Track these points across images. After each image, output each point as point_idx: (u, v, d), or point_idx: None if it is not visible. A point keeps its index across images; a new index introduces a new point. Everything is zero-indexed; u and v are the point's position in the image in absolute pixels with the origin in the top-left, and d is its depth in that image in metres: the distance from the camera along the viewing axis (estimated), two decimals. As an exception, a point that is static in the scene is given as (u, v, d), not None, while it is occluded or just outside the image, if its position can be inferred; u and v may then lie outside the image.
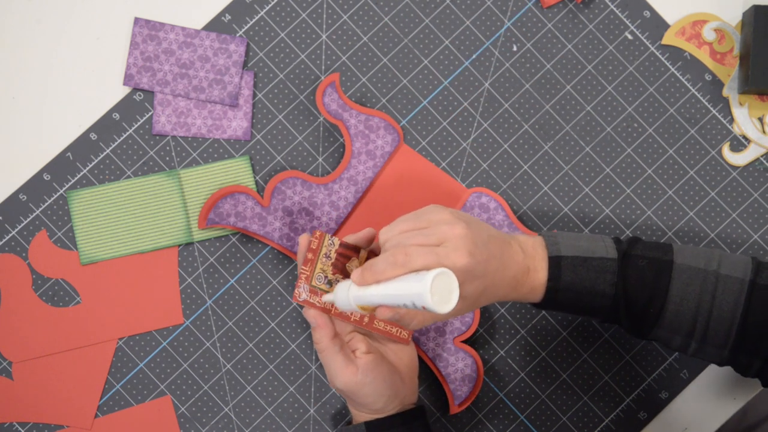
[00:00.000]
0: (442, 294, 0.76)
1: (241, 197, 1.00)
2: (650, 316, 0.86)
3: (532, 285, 0.86)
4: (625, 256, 0.87)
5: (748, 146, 1.04)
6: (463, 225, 0.80)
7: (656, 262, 0.86)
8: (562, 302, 0.87)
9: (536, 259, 0.86)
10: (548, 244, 0.87)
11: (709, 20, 1.04)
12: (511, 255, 0.84)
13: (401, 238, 0.80)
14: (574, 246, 0.86)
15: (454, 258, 0.78)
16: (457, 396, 1.00)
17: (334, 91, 1.01)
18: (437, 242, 0.79)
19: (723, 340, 0.86)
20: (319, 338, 0.87)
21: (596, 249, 0.87)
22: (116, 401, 1.01)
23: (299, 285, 0.87)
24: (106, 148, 1.02)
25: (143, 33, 1.02)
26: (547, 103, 1.04)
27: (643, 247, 0.88)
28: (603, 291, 0.86)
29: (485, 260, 0.81)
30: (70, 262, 1.01)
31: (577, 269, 0.85)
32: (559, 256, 0.86)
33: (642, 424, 1.02)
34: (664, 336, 0.88)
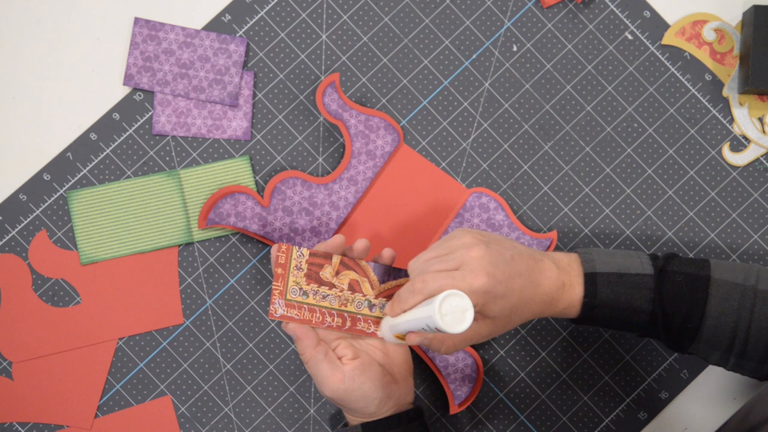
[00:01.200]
0: (454, 315, 0.77)
1: (241, 197, 1.00)
2: (688, 331, 0.87)
3: (569, 301, 0.87)
4: (662, 272, 0.87)
5: (748, 146, 1.04)
6: (481, 247, 0.82)
7: (693, 277, 0.87)
8: (599, 318, 0.87)
9: (572, 275, 0.87)
10: (583, 260, 0.87)
11: (709, 20, 1.04)
12: (542, 271, 0.85)
13: (423, 266, 0.83)
14: (609, 262, 0.87)
15: (470, 280, 0.80)
16: (457, 396, 1.00)
17: (334, 91, 1.01)
18: (455, 266, 0.82)
19: (762, 355, 0.86)
20: (302, 349, 0.88)
21: (632, 265, 0.87)
22: (116, 401, 1.01)
23: (274, 301, 0.87)
24: (106, 148, 1.02)
25: (143, 33, 1.02)
26: (547, 103, 1.04)
27: (680, 262, 0.88)
28: (640, 307, 0.86)
29: (507, 279, 0.82)
30: (70, 262, 1.01)
31: (613, 285, 0.86)
32: (595, 273, 0.86)
33: (642, 424, 1.02)
34: (702, 351, 0.88)
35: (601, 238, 1.03)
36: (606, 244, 1.03)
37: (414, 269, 0.85)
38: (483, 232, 0.85)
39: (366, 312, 0.90)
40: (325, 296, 0.89)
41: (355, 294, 0.89)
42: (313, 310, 0.88)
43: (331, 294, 0.89)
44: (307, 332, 0.87)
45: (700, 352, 0.89)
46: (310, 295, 0.88)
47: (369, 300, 0.90)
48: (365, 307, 0.90)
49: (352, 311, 0.89)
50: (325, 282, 0.89)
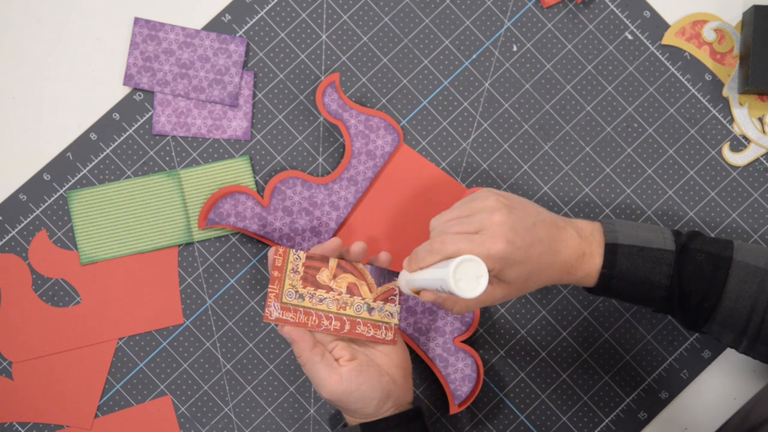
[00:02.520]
0: (468, 280, 0.77)
1: (241, 197, 1.00)
2: (704, 310, 0.86)
3: (587, 270, 0.86)
4: (684, 249, 0.87)
5: (748, 146, 1.04)
6: (504, 211, 0.81)
7: (715, 257, 0.86)
8: (616, 290, 0.87)
9: (593, 244, 0.86)
10: (606, 231, 0.87)
11: (709, 20, 1.04)
12: (563, 239, 0.85)
13: (444, 227, 0.83)
14: (632, 235, 0.87)
15: (489, 245, 0.80)
16: (457, 396, 1.00)
17: (334, 91, 1.01)
18: (476, 229, 0.81)
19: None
20: (299, 352, 0.87)
21: (654, 239, 0.87)
22: (116, 401, 1.01)
23: (269, 304, 0.87)
24: (106, 148, 1.02)
25: (143, 33, 1.02)
26: (547, 103, 1.04)
27: (703, 241, 0.88)
28: (658, 282, 0.86)
29: (526, 246, 0.81)
30: (70, 262, 1.01)
31: (633, 258, 0.86)
32: (616, 244, 0.86)
33: (642, 424, 1.02)
34: (716, 331, 0.88)
35: (601, 238, 1.03)
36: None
37: (434, 228, 0.84)
38: (508, 194, 0.84)
39: (365, 315, 0.90)
40: (323, 299, 0.89)
41: (354, 297, 0.89)
42: (309, 313, 0.88)
43: (328, 297, 0.89)
44: (302, 335, 0.87)
45: (713, 332, 0.88)
46: (307, 298, 0.88)
47: (368, 303, 0.90)
48: (365, 311, 0.90)
49: (352, 314, 0.89)
50: (322, 285, 0.89)
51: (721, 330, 0.87)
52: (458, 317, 1.00)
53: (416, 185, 1.02)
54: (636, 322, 1.02)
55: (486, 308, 1.02)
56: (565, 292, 1.03)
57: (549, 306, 1.03)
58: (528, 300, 1.02)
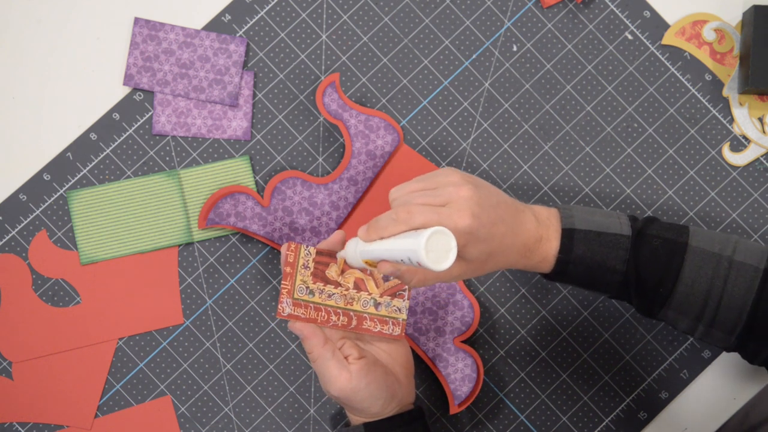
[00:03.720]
0: (438, 252, 0.75)
1: (241, 197, 1.00)
2: (660, 296, 0.86)
3: (544, 255, 0.86)
4: (640, 234, 0.87)
5: (748, 146, 1.04)
6: (470, 187, 0.80)
7: (671, 242, 0.86)
8: (572, 275, 0.87)
9: (550, 229, 0.86)
10: (563, 216, 0.87)
11: (709, 20, 1.04)
12: (523, 222, 0.84)
13: (408, 197, 0.81)
14: (588, 220, 0.86)
15: (456, 218, 0.79)
16: (457, 396, 1.00)
17: (334, 91, 1.01)
18: (442, 202, 0.80)
19: (732, 326, 0.86)
20: (310, 347, 0.87)
21: (611, 225, 0.87)
22: (116, 401, 1.01)
23: (282, 300, 0.87)
24: (106, 148, 1.02)
25: (143, 33, 1.02)
26: (547, 103, 1.04)
27: (659, 227, 0.88)
28: (614, 267, 0.86)
29: (491, 223, 0.81)
30: (70, 262, 1.01)
31: (589, 243, 0.85)
32: (573, 229, 0.86)
33: (642, 424, 1.02)
34: (672, 317, 0.88)
35: (601, 238, 1.03)
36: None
37: (397, 198, 0.82)
38: (470, 175, 0.83)
39: (372, 311, 0.90)
40: (331, 295, 0.89)
41: (361, 292, 0.89)
42: (319, 308, 0.88)
43: (336, 293, 0.89)
44: (314, 331, 0.87)
45: (669, 319, 0.88)
46: (316, 293, 0.88)
47: (374, 299, 0.90)
48: (371, 306, 0.90)
49: (359, 310, 0.89)
50: (330, 281, 0.89)
51: (677, 316, 0.87)
52: (458, 317, 1.00)
53: (416, 185, 1.02)
54: (636, 322, 1.02)
55: (486, 308, 1.02)
56: (565, 292, 1.03)
57: (549, 306, 1.03)
58: (528, 300, 1.03)
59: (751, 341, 0.87)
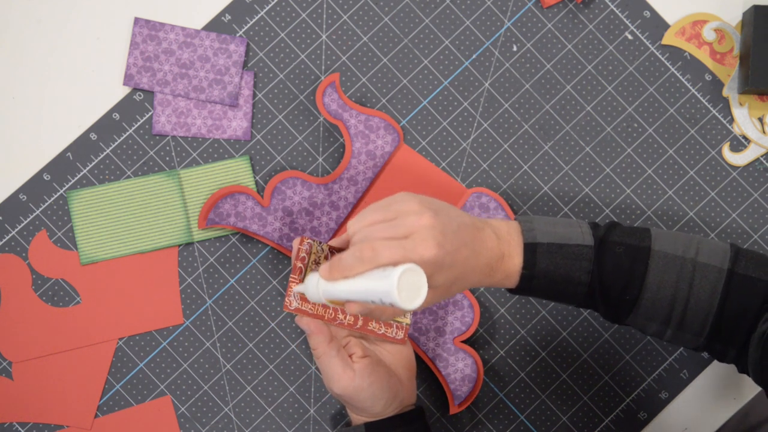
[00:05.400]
0: (410, 290, 0.74)
1: (241, 197, 1.00)
2: (626, 303, 0.85)
3: (507, 272, 0.84)
4: (602, 242, 0.85)
5: (748, 146, 1.04)
6: (430, 215, 0.78)
7: (633, 249, 0.85)
8: (536, 289, 0.85)
9: (511, 245, 0.84)
10: (524, 230, 0.85)
11: (709, 20, 1.04)
12: (483, 241, 0.82)
13: (368, 232, 0.79)
14: (550, 232, 0.85)
15: (421, 250, 0.77)
16: (457, 396, 1.00)
17: (334, 91, 1.01)
18: (404, 234, 0.78)
19: (699, 328, 0.85)
20: (315, 344, 0.87)
21: (573, 235, 0.85)
22: (116, 401, 1.01)
23: (290, 294, 0.86)
24: (106, 148, 1.02)
25: (143, 33, 1.02)
26: (547, 103, 1.04)
27: (621, 232, 0.86)
28: (579, 279, 0.85)
29: (455, 250, 0.79)
30: (70, 262, 1.01)
31: (552, 256, 0.84)
32: (535, 243, 0.84)
33: (642, 424, 1.02)
34: (640, 323, 0.87)
35: (601, 238, 1.03)
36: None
37: (356, 232, 0.80)
38: (427, 197, 0.81)
39: None
40: None
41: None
42: (327, 306, 0.88)
43: None
44: (321, 327, 0.86)
45: (637, 324, 0.87)
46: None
47: None
48: None
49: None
50: None
51: (645, 321, 0.86)
52: (458, 317, 1.00)
53: (416, 185, 1.02)
54: (636, 322, 1.02)
55: (486, 308, 1.02)
56: (565, 292, 1.03)
57: (549, 306, 1.03)
58: (528, 300, 1.03)
59: (717, 342, 0.86)
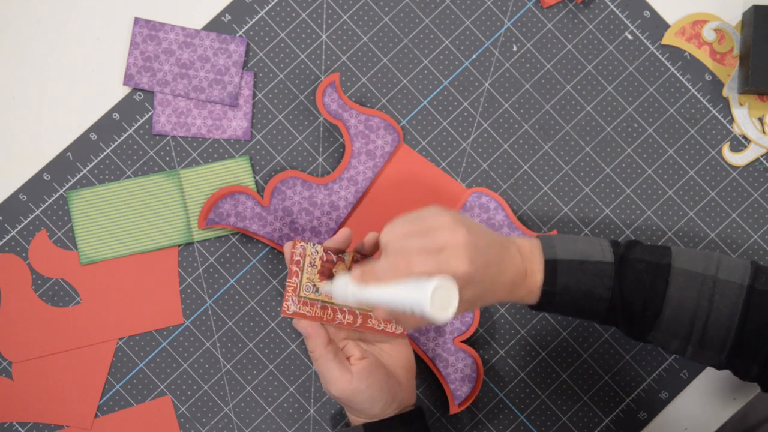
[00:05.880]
0: (441, 302, 0.76)
1: (241, 197, 1.00)
2: (647, 319, 0.86)
3: (529, 288, 0.86)
4: (623, 259, 0.87)
5: (748, 146, 1.04)
6: (464, 231, 0.80)
7: (654, 266, 0.86)
8: (558, 305, 0.87)
9: (533, 262, 0.86)
10: (545, 246, 0.86)
11: (709, 20, 1.04)
12: (510, 259, 0.84)
13: (402, 243, 0.80)
14: (570, 249, 0.86)
15: (454, 265, 0.78)
16: (457, 396, 1.00)
17: (334, 91, 1.01)
18: (438, 248, 0.79)
19: (720, 344, 0.86)
20: (313, 347, 0.87)
21: (593, 252, 0.86)
22: (116, 401, 1.01)
23: (287, 298, 0.87)
24: (106, 148, 1.02)
25: (143, 33, 1.02)
26: (547, 103, 1.04)
27: (641, 250, 0.87)
28: (600, 295, 0.86)
29: (485, 266, 0.80)
30: (70, 262, 1.01)
31: (573, 273, 0.85)
32: (555, 260, 0.85)
33: (642, 424, 1.02)
34: (661, 339, 0.88)
35: (601, 238, 1.03)
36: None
37: (388, 242, 0.81)
38: (458, 213, 0.82)
39: None
40: None
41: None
42: (325, 307, 0.88)
43: None
44: (318, 330, 0.87)
45: (658, 341, 0.88)
46: (323, 291, 0.88)
47: None
48: None
49: (363, 308, 0.89)
50: None
51: (666, 338, 0.87)
52: (458, 317, 1.00)
53: (416, 185, 1.02)
54: (636, 322, 1.03)
55: (486, 308, 1.02)
56: (565, 292, 1.03)
57: (549, 306, 1.03)
58: (528, 300, 1.03)
59: (739, 359, 0.86)
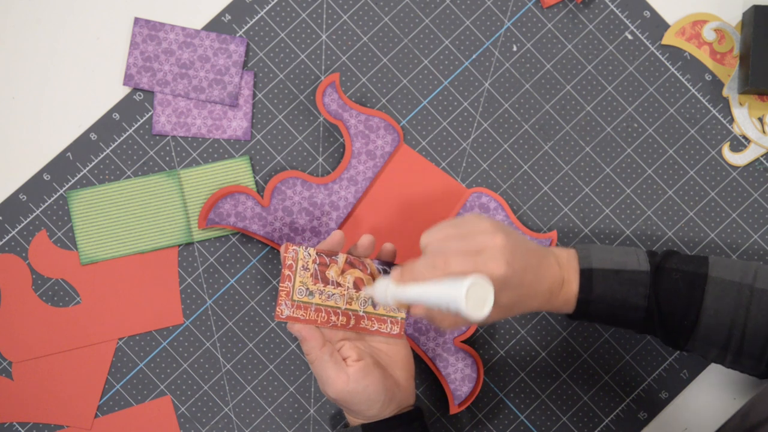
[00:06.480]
0: (477, 301, 0.77)
1: (241, 197, 1.00)
2: (684, 328, 0.87)
3: (566, 297, 0.87)
4: (659, 269, 0.87)
5: (748, 146, 1.04)
6: (503, 236, 0.81)
7: (690, 275, 0.87)
8: (594, 314, 0.88)
9: (570, 271, 0.87)
10: (580, 256, 0.88)
11: (709, 20, 1.04)
12: (548, 267, 0.85)
13: (441, 245, 0.82)
14: (605, 259, 0.87)
15: (492, 267, 0.80)
16: (457, 396, 1.00)
17: (334, 91, 1.01)
18: (476, 250, 0.81)
19: (759, 353, 0.86)
20: (308, 349, 0.87)
21: (629, 261, 0.87)
22: (116, 401, 1.01)
23: (280, 303, 0.87)
24: (106, 148, 1.02)
25: (143, 33, 1.02)
26: (547, 103, 1.04)
27: (678, 260, 0.88)
28: (636, 304, 0.87)
29: (522, 271, 0.82)
30: (70, 262, 1.01)
31: (608, 282, 0.86)
32: (591, 269, 0.87)
33: (642, 424, 1.02)
34: (699, 348, 0.88)
35: (601, 238, 1.03)
36: (605, 244, 1.03)
37: (428, 244, 0.83)
38: (499, 222, 0.85)
39: (371, 309, 0.90)
40: (331, 295, 0.89)
41: (360, 292, 0.90)
42: (319, 310, 0.88)
43: (336, 293, 0.89)
44: (313, 333, 0.87)
45: (696, 349, 0.89)
46: (316, 295, 0.88)
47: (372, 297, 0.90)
48: (370, 305, 0.90)
49: (357, 309, 0.89)
50: (331, 281, 0.89)
51: (704, 346, 0.88)
52: (458, 317, 1.00)
53: (416, 185, 1.02)
54: (636, 322, 1.03)
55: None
56: (565, 292, 1.03)
57: (549, 306, 1.03)
58: (528, 300, 1.03)
59: None
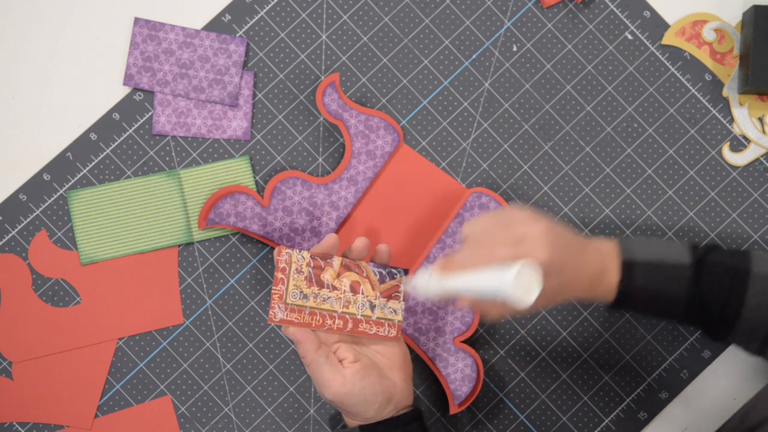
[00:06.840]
0: (524, 286, 0.77)
1: (241, 197, 1.00)
2: (726, 322, 0.87)
3: (607, 287, 0.87)
4: (701, 262, 0.88)
5: (748, 146, 1.04)
6: (544, 223, 0.82)
7: (733, 269, 0.87)
8: (635, 305, 0.88)
9: (611, 261, 0.87)
10: (622, 248, 0.88)
11: (709, 20, 1.04)
12: (589, 256, 0.86)
13: (484, 234, 0.83)
14: (647, 251, 0.88)
15: (535, 253, 0.80)
16: (457, 396, 1.00)
17: (334, 91, 1.01)
18: (519, 238, 0.81)
19: None
20: (303, 352, 0.87)
21: (670, 254, 0.88)
22: (116, 401, 1.01)
23: (273, 306, 0.86)
24: (106, 148, 1.02)
25: (143, 33, 1.02)
26: (547, 103, 1.04)
27: (721, 254, 0.89)
28: (677, 295, 0.87)
29: (565, 258, 0.82)
30: (70, 262, 1.01)
31: (649, 273, 0.87)
32: (633, 260, 0.87)
33: (642, 424, 1.02)
34: (740, 341, 0.89)
35: (601, 238, 1.03)
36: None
37: (472, 233, 0.84)
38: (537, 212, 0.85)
39: (368, 313, 0.90)
40: (327, 299, 0.88)
41: (357, 295, 0.89)
42: (314, 313, 0.88)
43: (332, 296, 0.89)
44: (307, 335, 0.87)
45: (737, 342, 0.90)
46: (311, 298, 0.88)
47: (370, 301, 0.90)
48: (367, 308, 0.90)
49: (354, 312, 0.89)
50: (326, 284, 0.89)
51: (745, 340, 0.89)
52: (458, 317, 1.00)
53: (416, 185, 1.02)
54: (636, 322, 1.02)
55: (486, 308, 1.02)
56: (565, 292, 1.03)
57: (549, 306, 1.03)
58: (528, 300, 1.03)
59: None
